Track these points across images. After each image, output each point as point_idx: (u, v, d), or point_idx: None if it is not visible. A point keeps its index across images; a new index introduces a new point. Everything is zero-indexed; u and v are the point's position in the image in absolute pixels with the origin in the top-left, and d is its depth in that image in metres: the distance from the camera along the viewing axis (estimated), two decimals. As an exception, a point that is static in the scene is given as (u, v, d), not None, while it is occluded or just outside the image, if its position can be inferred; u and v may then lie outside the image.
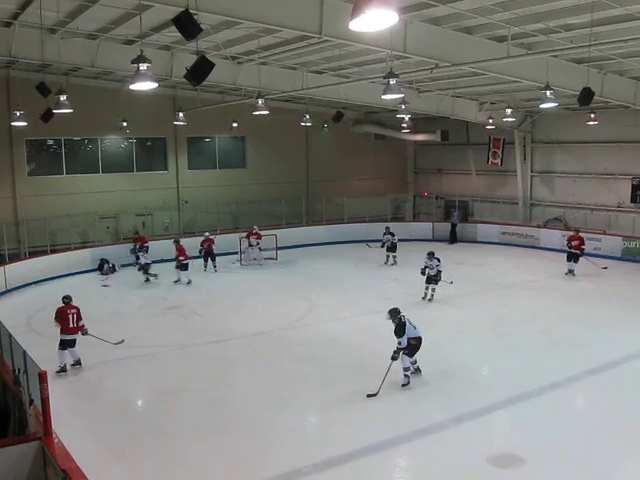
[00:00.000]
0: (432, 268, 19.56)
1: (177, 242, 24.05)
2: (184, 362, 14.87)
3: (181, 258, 23.42)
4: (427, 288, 19.83)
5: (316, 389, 12.85)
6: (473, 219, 34.75)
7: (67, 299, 14.35)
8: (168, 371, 14.27)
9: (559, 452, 9.94)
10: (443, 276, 19.70)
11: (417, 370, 13.24)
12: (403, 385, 12.68)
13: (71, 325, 14.00)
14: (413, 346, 12.84)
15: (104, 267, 25.34)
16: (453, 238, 32.01)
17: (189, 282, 23.31)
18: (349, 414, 11.65)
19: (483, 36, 16.30)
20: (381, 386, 12.17)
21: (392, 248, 26.33)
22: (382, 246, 26.62)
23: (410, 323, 12.86)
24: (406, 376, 12.77)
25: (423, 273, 19.81)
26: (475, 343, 15.84)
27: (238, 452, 10.27)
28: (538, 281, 22.87)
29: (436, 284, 19.74)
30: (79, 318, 14.19)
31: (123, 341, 15.43)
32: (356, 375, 13.57)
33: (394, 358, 12.55)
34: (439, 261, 19.57)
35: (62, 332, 14.01)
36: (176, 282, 23.44)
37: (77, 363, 14.31)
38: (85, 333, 14.30)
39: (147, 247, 26.28)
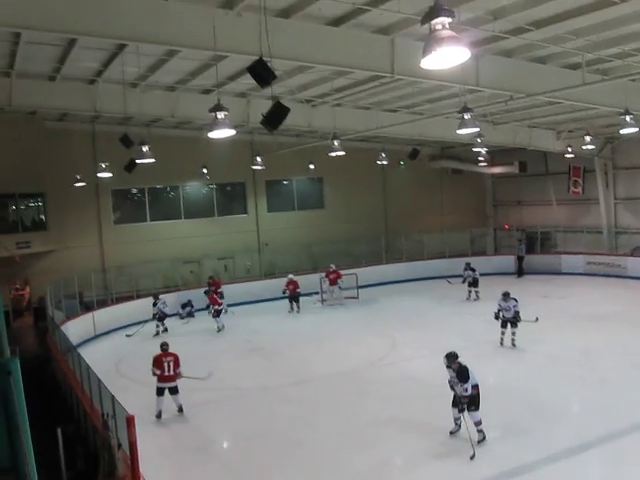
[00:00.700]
0: (509, 310, 17.95)
1: (207, 293, 24.65)
2: (267, 404, 14.93)
3: (215, 307, 23.48)
4: (503, 333, 18.17)
5: (400, 431, 12.62)
6: (557, 250, 33.96)
7: (164, 347, 14.33)
8: (252, 413, 14.33)
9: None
10: (523, 315, 18.25)
11: (460, 427, 11.90)
12: (479, 442, 11.50)
13: (166, 373, 13.95)
14: (475, 396, 11.60)
15: (185, 308, 25.77)
16: (520, 271, 31.37)
17: (220, 329, 23.17)
18: (435, 456, 11.41)
19: (557, 65, 16.14)
20: (473, 445, 11.28)
21: (474, 283, 25.98)
22: (463, 282, 26.28)
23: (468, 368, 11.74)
24: (480, 431, 11.63)
25: (497, 317, 18.21)
26: (564, 378, 15.36)
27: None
28: (627, 312, 22.07)
29: (516, 327, 17.97)
30: (176, 366, 14.07)
31: (211, 374, 15.24)
32: (441, 416, 13.31)
33: (462, 410, 11.64)
34: (516, 301, 18.00)
35: (158, 379, 14.05)
36: (219, 331, 23.18)
37: (179, 409, 14.18)
38: (179, 376, 14.20)
39: (221, 292, 25.94)
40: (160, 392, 14.05)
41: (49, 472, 9.38)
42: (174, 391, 14.11)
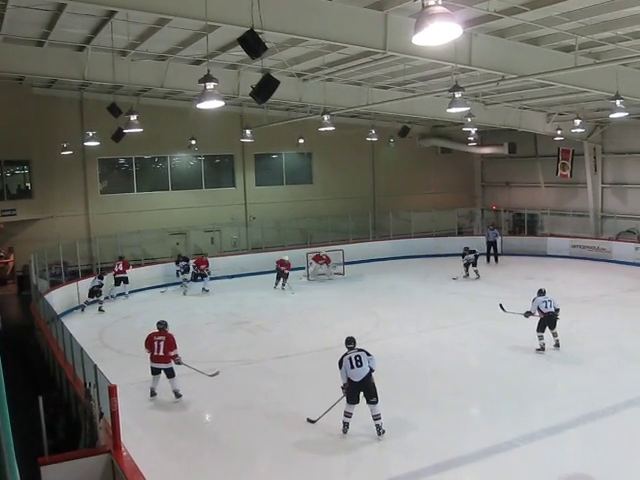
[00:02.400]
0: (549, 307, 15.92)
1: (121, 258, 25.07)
2: (250, 377, 14.97)
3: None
4: (542, 337, 15.83)
5: (381, 406, 12.64)
6: (543, 232, 34.12)
7: (159, 325, 13.57)
8: (235, 386, 14.34)
9: (633, 473, 9.62)
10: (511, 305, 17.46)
11: (378, 429, 11.08)
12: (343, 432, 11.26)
13: (156, 353, 13.21)
14: (348, 390, 11.10)
15: (180, 263, 25.84)
16: (495, 256, 29.85)
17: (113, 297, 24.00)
18: (413, 431, 11.51)
19: (550, 46, 16.04)
20: (322, 415, 11.44)
21: (474, 263, 26.06)
22: (467, 265, 26.20)
23: (354, 361, 11.03)
24: (343, 422, 11.21)
25: (527, 316, 16.33)
26: (546, 359, 15.48)
27: (302, 468, 10.28)
28: (611, 295, 22.23)
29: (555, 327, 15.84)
30: (169, 347, 13.17)
31: (218, 373, 14.19)
32: (420, 392, 13.47)
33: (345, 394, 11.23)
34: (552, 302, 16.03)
35: (150, 359, 13.45)
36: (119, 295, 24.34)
37: (176, 395, 13.37)
38: (179, 363, 13.40)
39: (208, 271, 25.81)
40: (154, 371, 13.41)
41: (30, 441, 9.38)
42: (169, 374, 13.35)
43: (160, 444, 11.43)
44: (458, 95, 15.94)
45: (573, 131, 26.32)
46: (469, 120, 23.13)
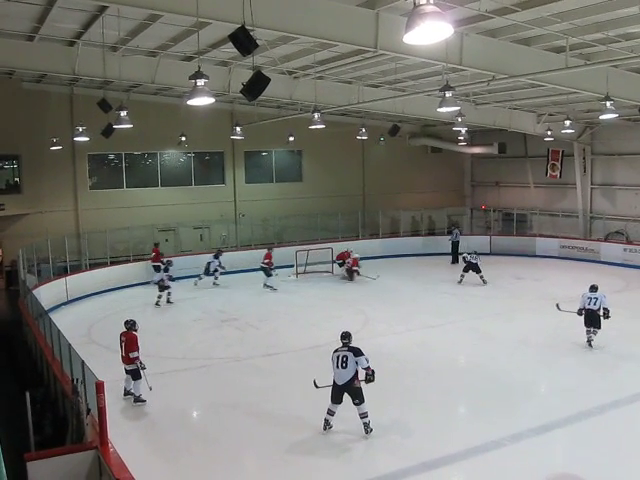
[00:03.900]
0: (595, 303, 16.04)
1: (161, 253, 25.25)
2: (239, 375, 14.96)
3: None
4: (589, 332, 16.10)
5: (370, 405, 12.63)
6: (532, 232, 34.23)
7: (125, 324, 13.30)
8: (223, 383, 14.36)
9: (620, 473, 9.66)
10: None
11: (365, 427, 11.14)
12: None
13: (121, 353, 13.17)
14: (332, 389, 11.21)
15: (218, 256, 25.88)
16: (455, 258, 29.49)
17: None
18: (402, 429, 11.54)
19: (541, 47, 16.08)
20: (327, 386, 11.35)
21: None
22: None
23: (340, 361, 11.00)
24: (325, 419, 11.32)
25: (580, 313, 16.21)
26: (534, 359, 15.55)
27: (289, 466, 10.27)
28: (599, 296, 22.26)
29: (598, 327, 15.99)
30: (129, 348, 12.88)
31: (151, 389, 13.03)
32: (409, 391, 13.47)
33: None
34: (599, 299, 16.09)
35: None
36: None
37: (134, 399, 13.03)
38: (140, 367, 12.95)
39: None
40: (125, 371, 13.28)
41: (17, 436, 9.35)
42: (132, 375, 13.06)
43: (147, 440, 11.41)
44: (448, 94, 15.99)
45: (563, 132, 26.45)
46: (459, 120, 23.15)
